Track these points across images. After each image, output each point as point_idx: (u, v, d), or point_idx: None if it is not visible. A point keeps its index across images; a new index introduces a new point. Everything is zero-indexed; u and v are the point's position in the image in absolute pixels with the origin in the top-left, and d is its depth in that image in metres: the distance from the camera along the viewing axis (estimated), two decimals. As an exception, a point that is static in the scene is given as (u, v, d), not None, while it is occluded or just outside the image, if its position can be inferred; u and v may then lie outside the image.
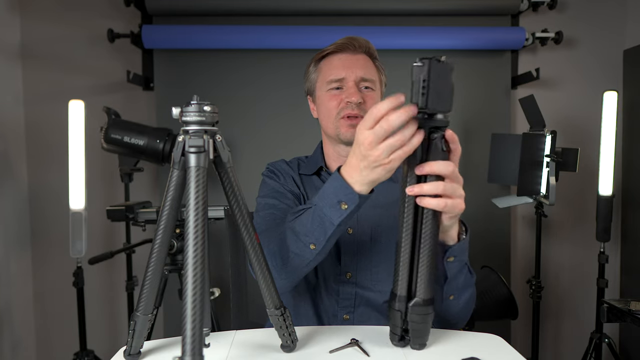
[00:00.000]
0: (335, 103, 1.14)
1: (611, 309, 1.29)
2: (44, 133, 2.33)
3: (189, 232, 0.66)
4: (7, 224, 2.23)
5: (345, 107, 1.13)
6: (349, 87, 1.13)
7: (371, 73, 1.16)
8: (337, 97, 1.14)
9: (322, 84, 1.17)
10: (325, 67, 1.17)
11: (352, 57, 1.15)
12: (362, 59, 1.16)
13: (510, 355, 0.85)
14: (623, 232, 2.45)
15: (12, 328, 2.24)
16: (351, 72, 1.14)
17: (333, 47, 1.17)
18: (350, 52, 1.16)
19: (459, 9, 2.32)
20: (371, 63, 1.18)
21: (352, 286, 1.11)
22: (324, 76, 1.17)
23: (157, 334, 2.33)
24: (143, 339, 0.83)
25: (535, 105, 2.01)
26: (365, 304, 1.12)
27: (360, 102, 1.11)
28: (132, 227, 2.17)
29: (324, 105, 1.17)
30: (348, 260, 1.12)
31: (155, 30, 2.22)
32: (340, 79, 1.14)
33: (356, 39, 1.16)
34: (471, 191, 2.41)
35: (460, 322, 1.05)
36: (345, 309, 1.11)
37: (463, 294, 1.01)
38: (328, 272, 1.12)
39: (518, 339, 2.46)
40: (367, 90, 1.15)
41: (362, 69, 1.14)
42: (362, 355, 0.85)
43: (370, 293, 1.11)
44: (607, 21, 2.44)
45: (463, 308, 1.03)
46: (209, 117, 0.73)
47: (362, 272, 1.12)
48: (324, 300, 1.13)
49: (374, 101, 1.14)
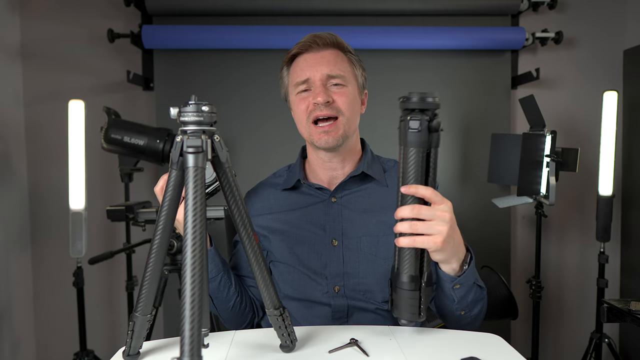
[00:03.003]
0: (304, 106, 1.10)
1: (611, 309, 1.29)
2: (44, 133, 2.33)
3: (187, 232, 0.66)
4: (7, 224, 2.23)
5: (313, 109, 1.08)
6: (315, 87, 1.08)
7: (340, 68, 1.09)
8: (306, 99, 1.10)
9: (291, 88, 1.13)
10: (292, 70, 1.13)
11: (316, 55, 1.10)
12: (329, 55, 1.10)
13: (510, 355, 0.85)
14: (623, 232, 2.44)
15: (12, 328, 2.24)
16: (315, 70, 1.08)
17: (297, 48, 1.12)
18: (314, 50, 1.10)
19: (459, 9, 2.32)
20: (341, 57, 1.12)
21: (343, 299, 1.10)
22: (292, 79, 1.13)
23: (157, 334, 2.33)
24: (142, 340, 0.83)
25: (535, 105, 2.01)
26: (358, 310, 1.11)
27: (328, 101, 1.07)
28: (132, 227, 2.17)
29: (295, 109, 1.13)
30: (335, 274, 1.10)
31: (155, 30, 2.22)
32: (305, 80, 1.09)
33: (319, 35, 1.11)
34: (471, 191, 2.43)
35: (472, 330, 1.06)
36: (339, 320, 1.10)
37: (474, 309, 1.02)
38: (317, 289, 1.11)
39: (518, 339, 2.46)
40: (336, 88, 1.09)
41: (327, 66, 1.08)
42: (362, 355, 0.85)
43: (362, 303, 1.10)
44: (607, 21, 2.44)
45: (474, 319, 1.04)
46: (207, 117, 0.73)
47: (351, 284, 1.10)
48: (317, 313, 1.11)
49: (345, 97, 1.09)
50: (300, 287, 1.11)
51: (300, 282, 1.12)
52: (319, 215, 1.14)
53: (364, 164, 1.16)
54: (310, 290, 1.11)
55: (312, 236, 1.13)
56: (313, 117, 1.08)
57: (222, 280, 1.09)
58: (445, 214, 0.85)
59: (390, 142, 2.26)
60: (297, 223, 1.14)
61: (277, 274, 1.14)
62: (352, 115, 1.11)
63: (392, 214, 0.84)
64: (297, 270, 1.12)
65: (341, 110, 1.08)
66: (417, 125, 0.82)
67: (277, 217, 1.17)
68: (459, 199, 2.37)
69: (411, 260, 0.87)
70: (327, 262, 1.11)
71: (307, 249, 1.12)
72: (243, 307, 1.14)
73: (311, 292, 1.11)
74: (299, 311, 1.11)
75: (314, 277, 1.11)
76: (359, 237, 1.12)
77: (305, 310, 1.11)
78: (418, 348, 0.88)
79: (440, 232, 0.84)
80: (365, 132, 1.27)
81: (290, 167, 1.24)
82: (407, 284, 0.87)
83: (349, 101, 1.10)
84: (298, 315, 1.11)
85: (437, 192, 0.85)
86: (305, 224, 1.14)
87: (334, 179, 1.17)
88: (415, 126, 0.82)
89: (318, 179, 1.18)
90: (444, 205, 0.85)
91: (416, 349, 0.87)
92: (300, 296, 1.11)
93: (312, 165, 1.19)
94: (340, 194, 1.15)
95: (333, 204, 1.14)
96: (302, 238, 1.13)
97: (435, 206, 0.85)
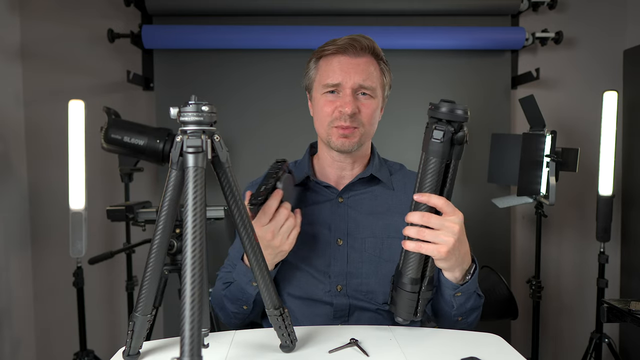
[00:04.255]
0: (330, 110, 1.09)
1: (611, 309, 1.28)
2: (44, 133, 2.33)
3: (188, 232, 0.66)
4: (7, 224, 2.23)
5: (338, 117, 1.08)
6: (344, 95, 1.07)
7: (371, 79, 1.09)
8: (332, 103, 1.09)
9: (318, 85, 1.12)
10: (323, 68, 1.11)
11: (352, 61, 1.08)
12: (364, 63, 1.09)
13: (510, 355, 0.85)
14: (623, 232, 2.44)
15: (12, 328, 2.24)
16: (349, 78, 1.07)
17: (334, 48, 1.09)
18: (350, 55, 1.08)
19: (459, 9, 2.32)
20: (375, 66, 1.11)
21: (345, 298, 1.10)
22: (321, 78, 1.11)
23: (157, 334, 2.33)
24: (142, 340, 0.83)
25: (535, 105, 2.01)
26: (359, 310, 1.11)
27: (355, 112, 1.07)
28: (132, 227, 2.17)
29: (319, 108, 1.12)
30: (338, 272, 1.11)
31: (155, 30, 2.22)
32: (336, 84, 1.08)
33: (359, 40, 1.09)
34: (471, 191, 2.43)
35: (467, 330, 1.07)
36: (340, 319, 1.11)
37: (471, 316, 1.04)
38: (319, 287, 1.11)
39: (518, 339, 2.46)
40: (364, 97, 1.09)
41: (361, 75, 1.07)
42: (362, 355, 0.85)
43: (363, 303, 1.11)
44: (607, 21, 2.44)
45: (470, 325, 1.06)
46: (207, 117, 0.72)
47: (353, 283, 1.11)
48: (318, 311, 1.11)
49: (370, 110, 1.09)
50: (303, 286, 1.12)
51: (302, 280, 1.12)
52: (326, 214, 1.14)
53: (372, 167, 1.17)
54: (313, 289, 1.11)
55: (317, 234, 1.13)
56: (336, 124, 1.09)
57: None
58: (454, 226, 0.86)
59: (390, 142, 2.27)
60: (303, 220, 1.14)
61: (279, 271, 1.14)
62: (372, 128, 1.13)
63: (397, 217, 0.85)
64: (300, 268, 1.12)
65: (363, 122, 1.09)
66: (440, 136, 0.82)
67: None
68: (459, 199, 2.36)
69: (415, 264, 0.89)
70: (331, 260, 1.11)
71: (311, 247, 1.13)
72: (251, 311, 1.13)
73: (313, 291, 1.11)
74: (301, 309, 1.11)
75: (316, 276, 1.11)
76: (364, 238, 1.12)
77: (306, 309, 1.11)
78: (418, 348, 0.88)
79: (446, 243, 0.85)
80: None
81: (297, 163, 1.23)
82: (408, 285, 0.89)
83: (372, 113, 1.11)
84: (299, 313, 1.11)
85: (449, 203, 0.86)
86: (311, 221, 1.14)
87: (342, 178, 1.17)
88: (439, 137, 0.82)
89: (326, 177, 1.19)
90: (455, 217, 0.87)
91: (416, 349, 0.87)
92: (302, 294, 1.11)
93: (322, 162, 1.19)
94: (348, 195, 1.16)
95: (340, 204, 1.15)
96: (307, 236, 1.13)
97: (446, 217, 0.86)
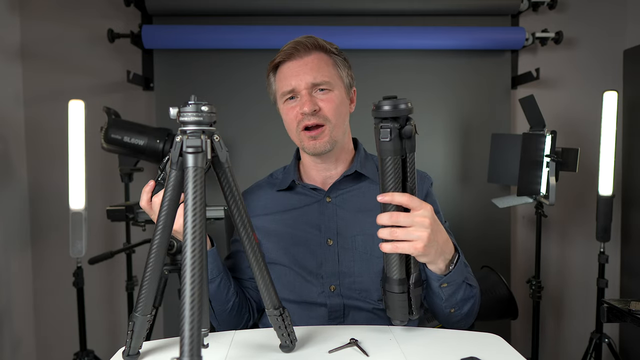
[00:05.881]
0: (293, 115, 1.10)
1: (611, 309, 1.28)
2: (44, 133, 2.33)
3: (187, 232, 0.66)
4: (7, 224, 2.22)
5: (302, 118, 1.09)
6: (301, 97, 1.09)
7: (323, 73, 1.09)
8: (294, 108, 1.10)
9: (279, 96, 1.14)
10: (278, 79, 1.13)
11: (299, 63, 1.09)
12: (311, 61, 1.09)
13: (510, 355, 0.85)
14: (623, 232, 2.44)
15: (12, 328, 2.24)
16: (300, 79, 1.08)
17: (281, 57, 1.11)
18: (297, 58, 1.09)
19: (459, 9, 2.32)
20: (325, 60, 1.11)
21: (339, 298, 1.10)
22: (278, 88, 1.13)
23: (157, 334, 2.33)
24: (142, 340, 0.83)
25: (535, 105, 2.01)
26: (355, 309, 1.11)
27: (315, 109, 1.07)
28: (132, 227, 2.17)
29: (285, 117, 1.14)
30: (330, 273, 1.11)
31: (155, 30, 2.22)
32: (292, 90, 1.09)
33: (301, 41, 1.10)
34: (471, 191, 2.43)
35: (464, 327, 1.07)
36: (336, 320, 1.11)
37: (464, 307, 1.03)
38: (313, 289, 1.11)
39: (518, 339, 2.46)
40: (322, 93, 1.09)
41: (311, 73, 1.08)
42: (362, 355, 0.85)
43: (358, 302, 1.11)
44: (607, 21, 2.44)
45: (466, 316, 1.05)
46: (207, 117, 0.73)
47: (346, 282, 1.10)
48: (313, 314, 1.11)
49: (331, 104, 1.09)
50: (296, 289, 1.12)
51: (295, 283, 1.12)
52: (315, 216, 1.14)
53: (357, 163, 1.16)
54: (306, 292, 1.11)
55: (307, 236, 1.13)
56: (302, 126, 1.09)
57: (222, 280, 1.09)
58: (424, 220, 0.85)
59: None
60: (293, 223, 1.15)
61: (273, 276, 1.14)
62: (339, 120, 1.12)
63: None
64: (292, 271, 1.13)
65: (327, 118, 1.09)
66: (387, 135, 0.82)
67: (273, 218, 1.17)
68: (459, 199, 2.37)
69: (396, 265, 0.88)
70: (322, 261, 1.11)
71: (302, 249, 1.13)
72: (240, 308, 1.14)
73: (307, 293, 1.11)
74: (296, 313, 1.11)
75: (308, 278, 1.11)
76: (354, 236, 1.12)
77: (301, 312, 1.11)
78: (418, 348, 0.88)
79: (420, 238, 0.85)
80: (364, 132, 1.26)
81: (286, 169, 1.25)
82: (396, 287, 0.89)
83: (336, 106, 1.10)
84: (295, 317, 1.11)
85: (414, 198, 0.85)
86: (300, 224, 1.14)
87: (327, 179, 1.18)
88: (386, 135, 0.82)
89: (312, 179, 1.19)
90: (423, 211, 0.85)
91: (416, 349, 0.87)
92: (296, 298, 1.12)
93: (306, 167, 1.20)
94: (335, 194, 1.16)
95: (328, 203, 1.15)
96: (297, 238, 1.13)
97: (414, 212, 0.85)
